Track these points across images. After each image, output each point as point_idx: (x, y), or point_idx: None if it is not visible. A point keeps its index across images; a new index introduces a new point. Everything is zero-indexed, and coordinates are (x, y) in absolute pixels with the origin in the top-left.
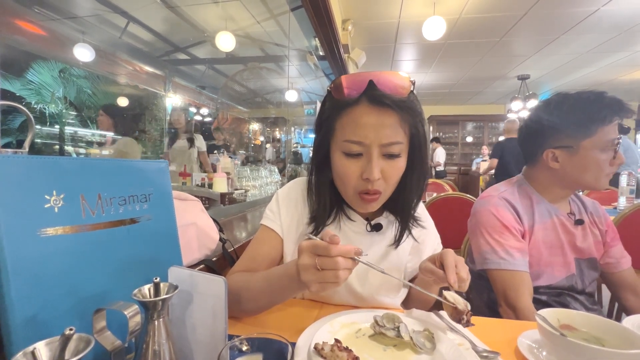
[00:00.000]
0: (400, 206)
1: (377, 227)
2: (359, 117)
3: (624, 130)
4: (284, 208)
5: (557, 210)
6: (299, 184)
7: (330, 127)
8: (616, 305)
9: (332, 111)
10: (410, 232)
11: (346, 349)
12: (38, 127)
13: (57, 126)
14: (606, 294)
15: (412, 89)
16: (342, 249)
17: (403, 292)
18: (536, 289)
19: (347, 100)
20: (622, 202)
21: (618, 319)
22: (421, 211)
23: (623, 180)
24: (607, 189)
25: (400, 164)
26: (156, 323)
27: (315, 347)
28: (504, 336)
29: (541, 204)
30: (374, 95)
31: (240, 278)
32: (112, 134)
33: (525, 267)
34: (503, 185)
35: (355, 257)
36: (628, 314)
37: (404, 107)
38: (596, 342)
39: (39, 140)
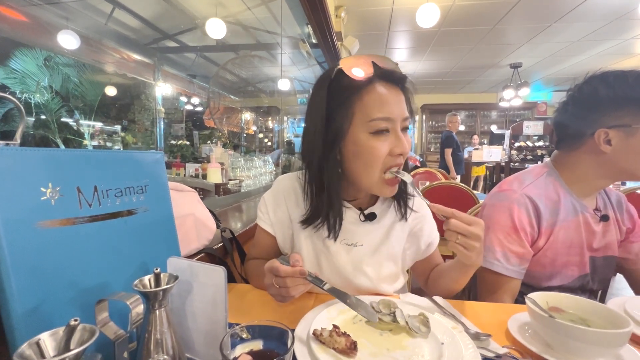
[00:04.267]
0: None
1: (371, 217)
2: (381, 94)
3: None
4: (272, 211)
5: (585, 206)
6: (282, 183)
7: (346, 112)
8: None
9: (347, 93)
10: (408, 208)
11: (344, 334)
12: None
13: (43, 117)
14: None
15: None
16: (289, 271)
17: (400, 280)
18: (548, 290)
19: (363, 81)
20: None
21: (602, 301)
22: (418, 200)
23: None
24: None
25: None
26: (157, 313)
27: (314, 333)
28: (495, 319)
29: (568, 199)
30: (384, 73)
31: (250, 265)
32: None
33: (517, 275)
34: (529, 176)
35: (307, 278)
36: None
37: (408, 84)
38: (582, 323)
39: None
